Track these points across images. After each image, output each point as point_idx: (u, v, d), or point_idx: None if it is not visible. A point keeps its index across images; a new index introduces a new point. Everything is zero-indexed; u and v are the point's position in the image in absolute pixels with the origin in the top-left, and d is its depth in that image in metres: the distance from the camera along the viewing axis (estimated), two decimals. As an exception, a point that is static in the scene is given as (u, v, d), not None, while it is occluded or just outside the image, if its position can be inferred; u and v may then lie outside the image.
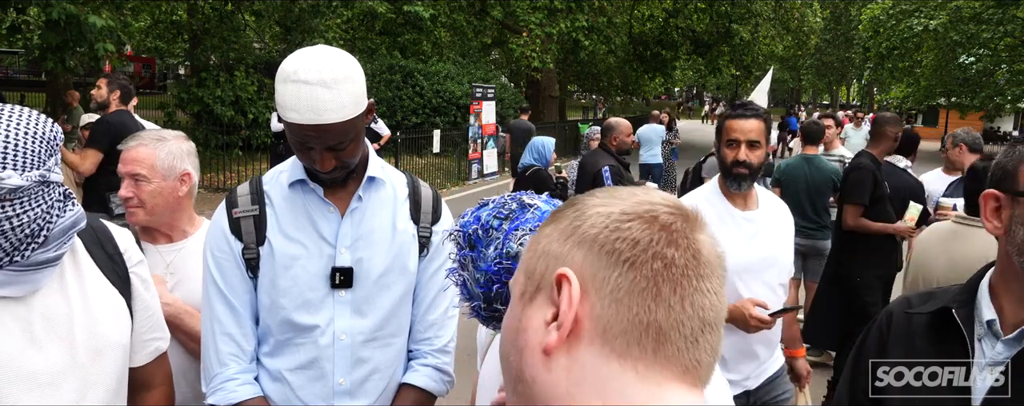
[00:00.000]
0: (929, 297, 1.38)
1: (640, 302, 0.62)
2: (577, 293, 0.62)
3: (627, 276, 0.62)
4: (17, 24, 10.23)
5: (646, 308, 0.62)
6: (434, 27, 17.99)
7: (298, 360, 1.60)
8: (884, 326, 1.41)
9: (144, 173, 1.84)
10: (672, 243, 0.63)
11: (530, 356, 0.65)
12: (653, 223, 0.64)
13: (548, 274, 0.65)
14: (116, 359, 1.35)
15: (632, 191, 0.69)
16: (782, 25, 25.24)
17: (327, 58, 1.44)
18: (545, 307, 0.65)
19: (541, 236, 0.69)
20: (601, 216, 0.65)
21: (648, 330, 0.62)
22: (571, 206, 0.70)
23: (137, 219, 1.87)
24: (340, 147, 1.48)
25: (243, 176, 12.24)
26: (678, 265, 0.63)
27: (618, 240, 0.63)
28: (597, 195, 0.69)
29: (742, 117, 2.34)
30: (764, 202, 2.46)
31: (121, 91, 4.69)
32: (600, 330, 0.62)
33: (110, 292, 1.37)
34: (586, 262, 0.63)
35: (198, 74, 13.93)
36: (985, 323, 1.25)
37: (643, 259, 0.62)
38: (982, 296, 1.27)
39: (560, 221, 0.68)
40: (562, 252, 0.65)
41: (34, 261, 1.20)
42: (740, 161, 2.31)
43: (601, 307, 0.62)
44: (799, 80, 53.24)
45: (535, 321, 0.65)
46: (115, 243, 1.42)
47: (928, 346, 1.31)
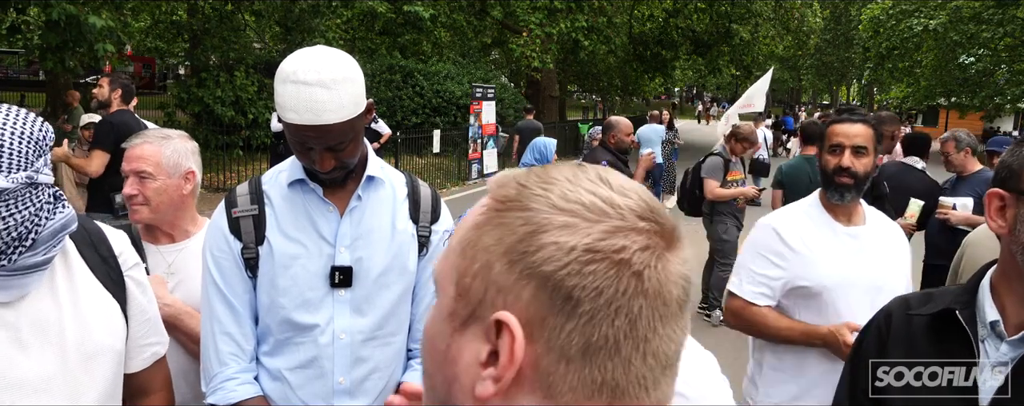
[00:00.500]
0: (928, 298, 1.37)
1: (594, 361, 0.53)
2: (521, 348, 0.52)
3: (583, 331, 0.52)
4: (17, 24, 10.23)
5: (601, 368, 0.53)
6: (434, 27, 17.98)
7: (298, 359, 1.60)
8: (883, 326, 1.40)
9: (149, 170, 1.84)
10: (640, 293, 0.53)
11: (460, 392, 0.56)
12: (623, 268, 0.53)
13: (486, 304, 0.55)
14: (109, 364, 1.32)
15: (598, 199, 0.55)
16: (782, 25, 25.24)
17: (326, 59, 1.44)
18: (479, 342, 0.55)
19: (479, 245, 0.56)
20: (560, 249, 0.53)
21: (602, 388, 0.53)
22: (520, 209, 0.56)
23: (141, 217, 1.87)
24: (339, 147, 1.48)
25: (243, 176, 12.25)
26: (644, 319, 0.53)
27: (577, 287, 0.52)
28: (553, 200, 0.55)
29: (847, 121, 2.16)
30: (872, 219, 2.23)
31: (123, 90, 4.69)
32: (544, 384, 0.53)
33: (103, 296, 1.33)
34: (534, 304, 0.53)
35: (198, 74, 13.93)
36: (988, 324, 1.25)
37: (604, 315, 0.52)
38: (984, 296, 1.27)
39: (505, 231, 0.55)
40: (506, 283, 0.54)
41: (22, 265, 1.17)
42: (844, 168, 2.11)
43: (547, 361, 0.53)
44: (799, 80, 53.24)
45: (466, 355, 0.56)
46: (109, 245, 1.38)
47: (931, 347, 1.31)
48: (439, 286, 0.61)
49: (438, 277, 0.61)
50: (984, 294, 1.27)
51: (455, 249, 0.59)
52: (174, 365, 1.82)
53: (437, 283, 0.61)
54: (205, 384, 1.62)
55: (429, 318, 0.62)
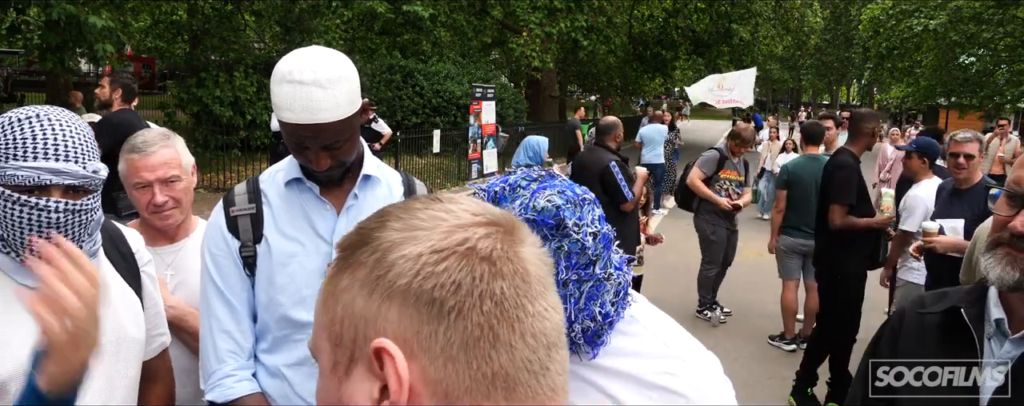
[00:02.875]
0: (942, 297, 1.38)
1: (478, 354, 0.54)
2: (404, 367, 0.53)
3: (456, 327, 0.54)
4: (17, 24, 10.23)
5: (486, 358, 0.54)
6: (434, 27, 18.00)
7: (296, 356, 1.60)
8: (896, 326, 1.41)
9: (176, 173, 1.85)
10: (498, 275, 0.55)
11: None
12: (471, 257, 0.55)
13: (360, 341, 0.55)
14: (136, 354, 1.42)
15: (431, 212, 0.58)
16: (782, 25, 25.28)
17: (321, 58, 1.45)
18: (367, 380, 0.55)
19: (337, 291, 0.57)
20: (408, 260, 0.54)
21: (495, 381, 0.54)
22: (363, 246, 0.57)
23: (175, 220, 1.89)
24: (336, 146, 1.49)
25: (243, 176, 12.24)
26: (509, 298, 0.55)
27: (436, 287, 0.54)
28: (391, 227, 0.57)
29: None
30: None
31: (123, 90, 4.70)
32: (441, 394, 0.54)
33: (127, 290, 1.43)
34: (404, 320, 0.54)
35: (198, 74, 13.94)
36: (994, 322, 1.25)
37: (470, 304, 0.54)
38: (992, 295, 1.28)
39: (355, 268, 0.57)
40: (371, 312, 0.55)
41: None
42: None
43: (434, 369, 0.54)
44: (799, 80, 53.27)
45: (358, 398, 0.55)
46: (128, 243, 1.48)
47: (938, 345, 1.32)
48: (316, 351, 0.61)
49: (313, 346, 0.61)
50: (993, 293, 1.28)
51: (319, 311, 0.60)
52: (178, 364, 1.83)
53: (314, 352, 0.61)
54: (204, 381, 1.63)
55: (317, 391, 0.62)
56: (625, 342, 1.04)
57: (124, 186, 1.90)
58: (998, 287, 1.22)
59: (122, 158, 1.86)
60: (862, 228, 4.33)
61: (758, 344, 5.68)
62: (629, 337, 1.04)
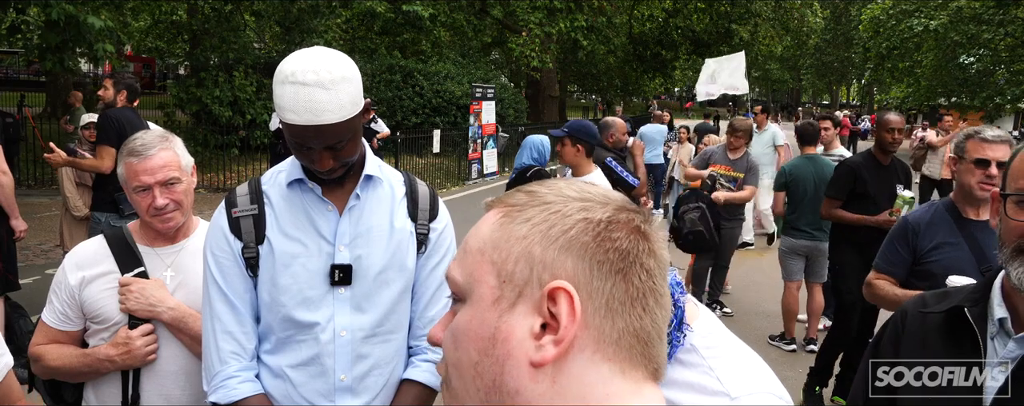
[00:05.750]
0: (945, 296, 1.38)
1: (631, 312, 0.64)
2: (579, 307, 0.62)
3: (620, 287, 0.63)
4: (17, 24, 10.22)
5: (637, 317, 0.64)
6: (434, 27, 17.98)
7: (299, 357, 1.61)
8: (899, 325, 1.41)
9: (176, 175, 1.84)
10: (650, 253, 0.65)
11: (514, 368, 0.63)
12: (636, 233, 0.65)
13: (532, 284, 0.63)
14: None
15: (598, 190, 0.69)
16: (782, 25, 25.28)
17: (324, 59, 1.45)
18: (530, 316, 0.63)
19: (513, 237, 0.65)
20: (589, 223, 0.64)
21: (638, 337, 0.64)
22: (536, 202, 0.67)
23: (177, 222, 1.87)
24: (338, 147, 1.49)
25: (243, 176, 12.25)
26: (654, 274, 0.65)
27: (609, 250, 0.63)
28: (566, 193, 0.67)
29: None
30: None
31: (127, 90, 4.70)
32: (593, 339, 0.63)
33: None
34: (578, 271, 0.63)
35: (197, 74, 13.93)
36: (997, 321, 1.25)
37: (633, 271, 0.64)
38: (995, 295, 1.27)
39: (530, 220, 0.66)
40: (549, 259, 0.63)
41: None
42: None
43: (596, 318, 0.63)
44: (799, 80, 53.25)
45: (518, 331, 0.63)
46: None
47: (941, 344, 1.32)
48: (473, 281, 0.67)
49: (465, 277, 0.68)
50: (995, 292, 1.28)
51: (478, 250, 0.67)
52: (179, 365, 1.82)
53: (463, 284, 0.68)
54: (207, 383, 1.62)
55: (459, 317, 0.67)
56: (679, 372, 0.99)
57: (124, 189, 1.89)
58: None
59: (120, 162, 1.84)
60: (850, 222, 4.43)
61: (758, 344, 5.67)
62: (684, 368, 1.00)
